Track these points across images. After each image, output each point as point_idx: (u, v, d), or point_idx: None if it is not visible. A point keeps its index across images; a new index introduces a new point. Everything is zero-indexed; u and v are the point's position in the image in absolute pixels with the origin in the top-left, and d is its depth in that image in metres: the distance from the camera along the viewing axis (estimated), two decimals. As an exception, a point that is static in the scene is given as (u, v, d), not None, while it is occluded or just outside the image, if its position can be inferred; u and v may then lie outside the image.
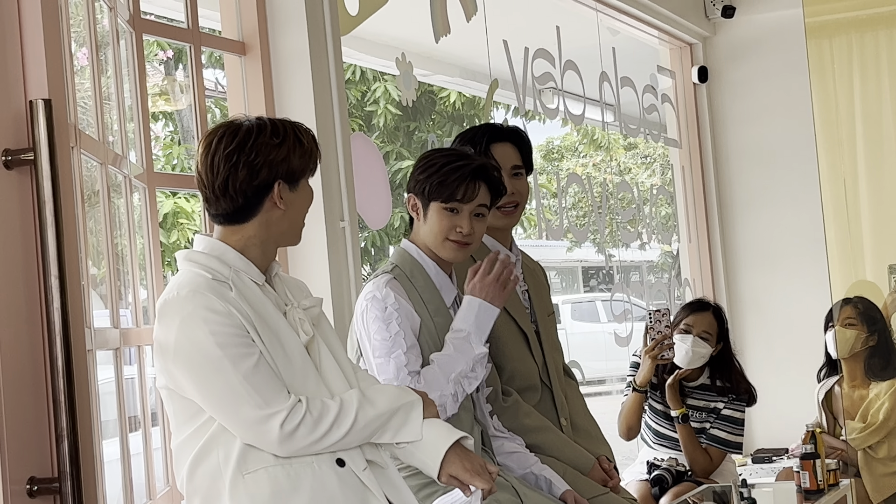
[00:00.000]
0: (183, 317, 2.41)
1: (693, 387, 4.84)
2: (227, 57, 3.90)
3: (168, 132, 12.23)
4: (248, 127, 2.52)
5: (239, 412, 2.40)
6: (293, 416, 2.41)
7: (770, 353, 6.48)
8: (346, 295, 3.86)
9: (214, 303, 2.42)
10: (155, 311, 2.50)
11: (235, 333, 2.42)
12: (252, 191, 2.50)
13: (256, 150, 2.49)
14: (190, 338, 2.40)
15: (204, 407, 2.44)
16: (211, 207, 2.54)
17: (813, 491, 3.83)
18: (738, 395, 4.81)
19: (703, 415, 4.79)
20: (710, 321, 4.82)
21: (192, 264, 2.50)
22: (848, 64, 5.84)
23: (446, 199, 3.07)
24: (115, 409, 2.99)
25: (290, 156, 2.52)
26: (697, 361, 4.76)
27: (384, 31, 5.26)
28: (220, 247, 2.52)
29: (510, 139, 3.51)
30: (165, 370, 2.46)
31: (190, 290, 2.43)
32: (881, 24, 5.83)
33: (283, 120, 2.58)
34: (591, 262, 20.68)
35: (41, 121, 2.46)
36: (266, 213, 2.53)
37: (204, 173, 2.52)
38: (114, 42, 3.22)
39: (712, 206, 6.79)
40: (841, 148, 5.71)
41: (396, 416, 2.52)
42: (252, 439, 2.42)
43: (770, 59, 6.67)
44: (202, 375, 2.41)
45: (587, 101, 5.89)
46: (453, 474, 2.54)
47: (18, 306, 2.46)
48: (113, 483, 2.87)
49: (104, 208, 2.98)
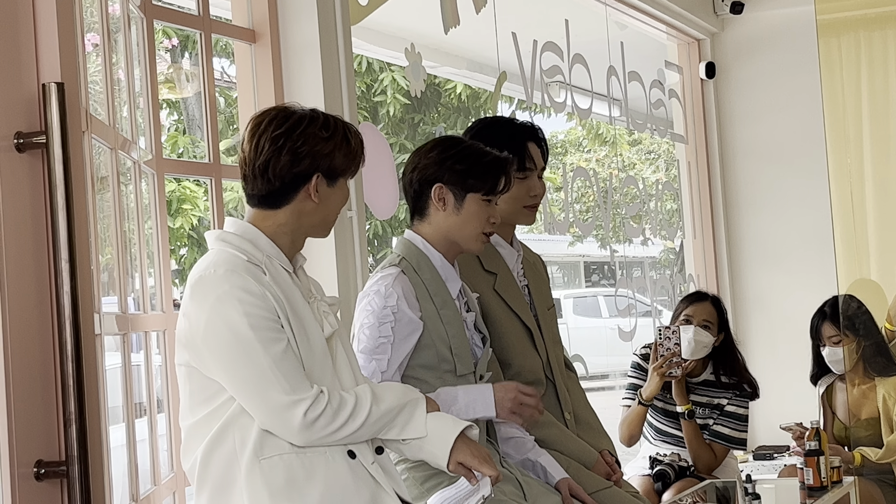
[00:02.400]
0: (218, 295, 2.42)
1: (696, 383, 4.83)
2: (237, 45, 3.90)
3: (172, 121, 12.21)
4: (301, 115, 2.54)
5: (265, 396, 2.41)
6: (316, 405, 2.42)
7: (773, 350, 6.48)
8: (353, 285, 3.86)
9: (250, 284, 2.43)
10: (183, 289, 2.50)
11: (268, 317, 2.43)
12: (290, 177, 2.52)
13: (304, 139, 2.51)
14: (223, 316, 2.41)
15: (228, 387, 2.44)
16: (248, 186, 2.56)
17: (816, 488, 3.83)
18: (741, 392, 4.80)
19: (707, 411, 4.79)
20: (709, 310, 4.83)
21: (226, 244, 2.51)
22: (856, 62, 5.84)
23: (488, 191, 3.06)
24: (121, 394, 3.00)
25: (335, 152, 2.54)
26: (701, 351, 4.75)
27: (392, 22, 5.25)
28: (253, 231, 2.54)
29: (537, 140, 3.51)
30: (191, 347, 2.46)
31: (227, 269, 2.44)
32: (890, 22, 5.82)
33: (337, 117, 2.60)
34: (593, 256, 20.67)
35: (54, 104, 2.47)
36: (300, 203, 2.55)
37: (248, 151, 2.54)
38: (125, 27, 3.21)
39: (718, 202, 6.79)
40: (848, 146, 5.71)
41: (403, 413, 2.54)
42: (273, 424, 2.43)
43: (778, 57, 6.67)
44: (232, 355, 2.42)
45: (594, 96, 5.89)
46: (461, 461, 2.56)
47: (28, 290, 2.47)
48: (118, 468, 2.87)
49: (114, 193, 2.98)
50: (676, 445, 4.79)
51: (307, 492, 2.43)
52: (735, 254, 6.79)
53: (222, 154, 3.93)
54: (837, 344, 5.06)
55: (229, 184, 3.85)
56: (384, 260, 3.18)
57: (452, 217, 3.08)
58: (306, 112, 2.55)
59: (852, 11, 5.87)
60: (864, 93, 5.79)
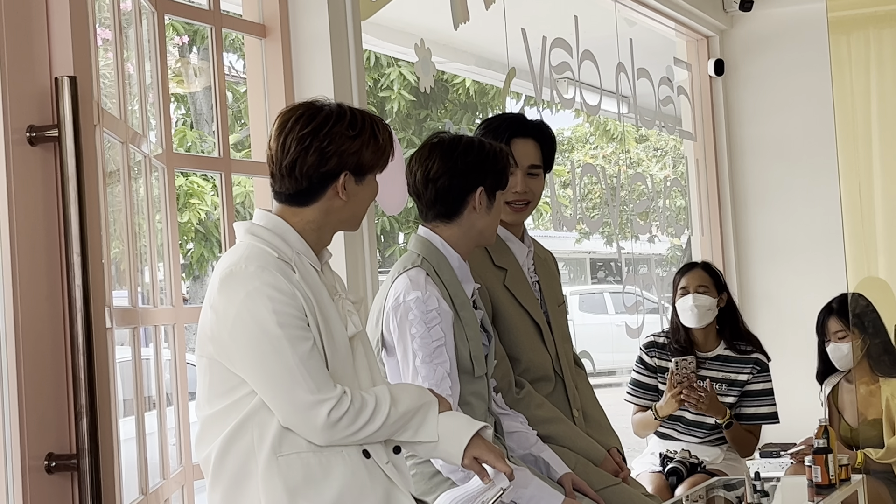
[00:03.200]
0: (249, 291, 2.41)
1: (710, 358, 4.87)
2: (248, 39, 3.90)
3: (180, 115, 12.22)
4: (328, 112, 2.51)
5: (291, 394, 2.41)
6: (340, 405, 2.42)
7: (780, 348, 6.45)
8: (362, 283, 3.86)
9: (281, 282, 2.42)
10: (190, 283, 2.50)
11: (296, 315, 2.42)
12: (318, 177, 2.50)
13: (330, 138, 2.49)
14: (252, 312, 2.41)
15: (253, 384, 2.44)
16: (275, 184, 2.55)
17: (825, 486, 3.83)
18: (760, 367, 4.83)
19: (724, 387, 4.82)
20: (701, 275, 4.91)
21: (256, 239, 2.50)
22: (865, 60, 5.82)
23: (505, 184, 3.11)
24: (132, 388, 3.00)
25: (362, 149, 2.52)
26: (706, 316, 4.82)
27: (401, 17, 5.24)
28: (283, 226, 2.52)
29: (533, 135, 3.47)
30: (217, 340, 2.46)
31: (258, 266, 2.43)
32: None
33: (364, 112, 2.57)
34: (600, 253, 20.67)
35: (66, 98, 2.46)
36: (328, 201, 2.53)
37: (275, 150, 2.52)
38: (136, 21, 3.22)
39: (726, 199, 6.78)
40: (857, 143, 5.70)
41: (417, 416, 2.54)
42: (297, 423, 2.43)
43: (786, 54, 6.66)
44: (259, 352, 2.41)
45: (603, 92, 5.88)
46: (477, 455, 2.55)
47: (40, 283, 2.47)
48: (127, 462, 2.87)
49: (124, 187, 2.98)
50: (684, 441, 4.83)
51: (324, 490, 2.43)
52: (743, 251, 6.78)
53: (230, 149, 3.93)
54: (842, 340, 5.06)
55: (237, 178, 3.85)
56: (402, 258, 3.15)
57: (485, 217, 3.10)
58: (333, 109, 2.52)
59: (863, 9, 5.85)
60: (874, 90, 5.77)
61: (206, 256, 11.13)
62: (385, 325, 3.03)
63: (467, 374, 3.05)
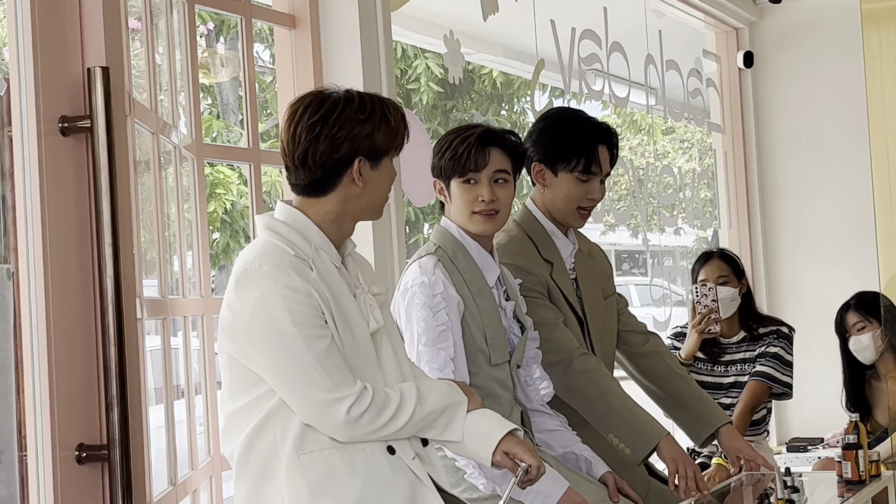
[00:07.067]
0: (263, 290, 2.39)
1: (733, 343, 4.86)
2: (277, 30, 3.89)
3: (206, 105, 12.23)
4: (335, 99, 2.48)
5: (308, 392, 2.39)
6: (360, 402, 2.40)
7: (808, 343, 6.41)
8: (390, 273, 3.85)
9: (296, 281, 2.39)
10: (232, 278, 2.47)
11: (312, 314, 2.40)
12: (331, 164, 2.47)
13: (340, 124, 2.46)
14: (267, 312, 2.39)
15: (271, 382, 2.43)
16: (291, 176, 2.52)
17: (855, 481, 3.80)
18: (779, 334, 4.80)
19: (747, 366, 4.80)
20: (719, 265, 4.88)
21: (274, 235, 2.48)
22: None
23: (461, 172, 3.07)
24: (161, 377, 3.00)
25: (374, 133, 2.48)
26: (730, 307, 4.80)
27: (430, 8, 5.23)
28: (303, 220, 2.50)
29: (609, 145, 3.48)
30: (234, 338, 2.45)
31: (273, 265, 2.41)
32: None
33: (374, 95, 2.53)
34: (625, 245, 20.60)
35: (98, 88, 2.47)
36: (345, 189, 2.50)
37: (286, 142, 2.50)
38: (167, 12, 3.21)
39: (754, 192, 6.74)
40: (889, 137, 5.65)
41: (444, 415, 2.52)
42: (315, 421, 2.41)
43: (817, 46, 6.61)
44: (275, 351, 2.39)
45: (632, 84, 5.85)
46: (507, 450, 2.53)
47: (71, 273, 2.47)
48: (157, 452, 2.88)
49: (154, 177, 2.98)
50: None
51: (347, 487, 2.42)
52: (771, 244, 6.74)
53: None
54: (862, 331, 5.03)
55: (264, 168, 3.85)
56: (420, 248, 3.18)
57: (452, 207, 3.15)
58: (341, 95, 2.49)
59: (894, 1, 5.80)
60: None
61: (231, 246, 11.15)
62: (396, 311, 3.05)
63: (483, 360, 3.06)
